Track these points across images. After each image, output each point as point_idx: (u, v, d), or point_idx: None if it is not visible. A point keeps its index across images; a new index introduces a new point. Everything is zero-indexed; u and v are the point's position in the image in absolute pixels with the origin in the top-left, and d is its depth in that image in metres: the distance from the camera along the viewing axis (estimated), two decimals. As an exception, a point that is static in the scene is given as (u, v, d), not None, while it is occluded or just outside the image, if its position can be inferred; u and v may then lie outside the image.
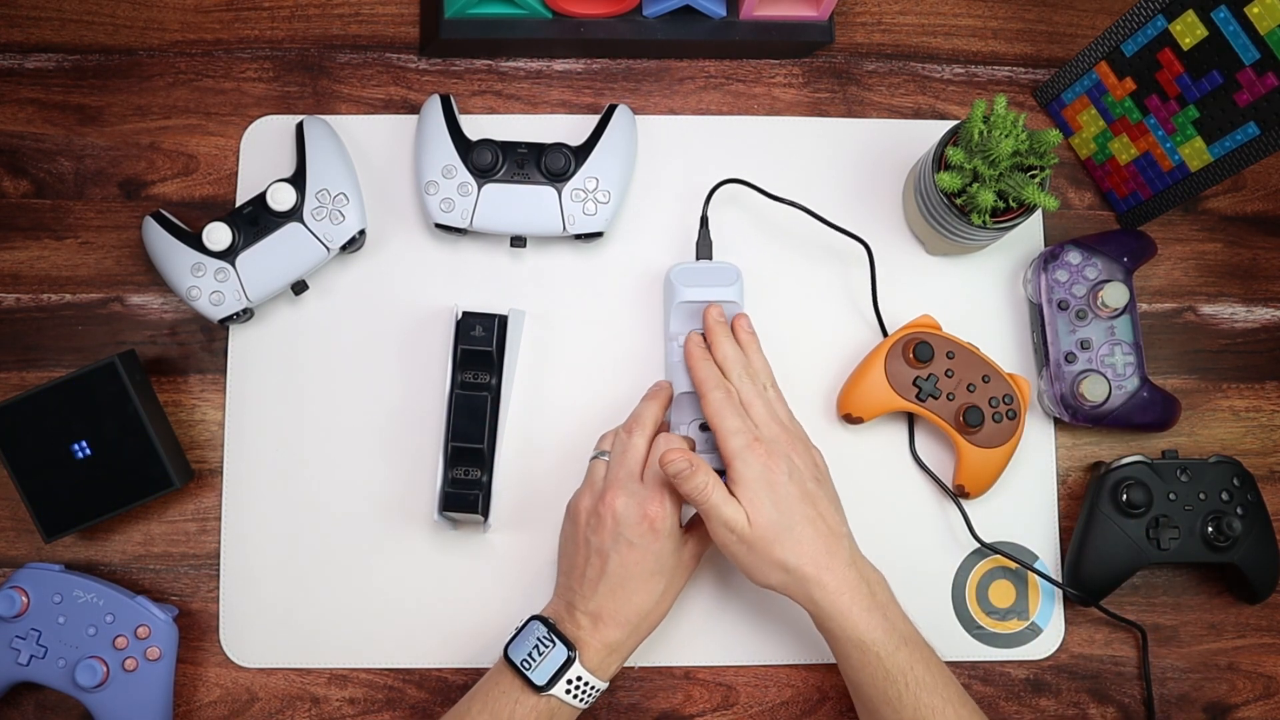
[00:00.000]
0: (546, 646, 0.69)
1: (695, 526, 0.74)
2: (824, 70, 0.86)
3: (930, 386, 0.78)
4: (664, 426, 0.76)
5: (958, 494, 0.79)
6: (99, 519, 0.76)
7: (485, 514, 0.77)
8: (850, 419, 0.80)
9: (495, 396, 0.77)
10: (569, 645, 0.69)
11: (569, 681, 0.68)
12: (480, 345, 0.77)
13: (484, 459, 0.77)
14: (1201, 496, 0.78)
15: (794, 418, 0.75)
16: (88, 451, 0.75)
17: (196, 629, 0.78)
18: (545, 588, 0.78)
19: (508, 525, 0.79)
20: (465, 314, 0.78)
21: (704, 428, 0.78)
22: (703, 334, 0.76)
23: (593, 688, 0.70)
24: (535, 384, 0.81)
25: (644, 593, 0.71)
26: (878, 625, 0.68)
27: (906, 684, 0.67)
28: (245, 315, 0.78)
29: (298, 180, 0.78)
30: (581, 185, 0.79)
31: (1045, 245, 0.84)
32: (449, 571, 0.79)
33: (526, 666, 0.68)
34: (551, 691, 0.68)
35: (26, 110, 0.83)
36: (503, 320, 0.78)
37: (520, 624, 0.72)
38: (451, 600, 0.79)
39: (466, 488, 0.76)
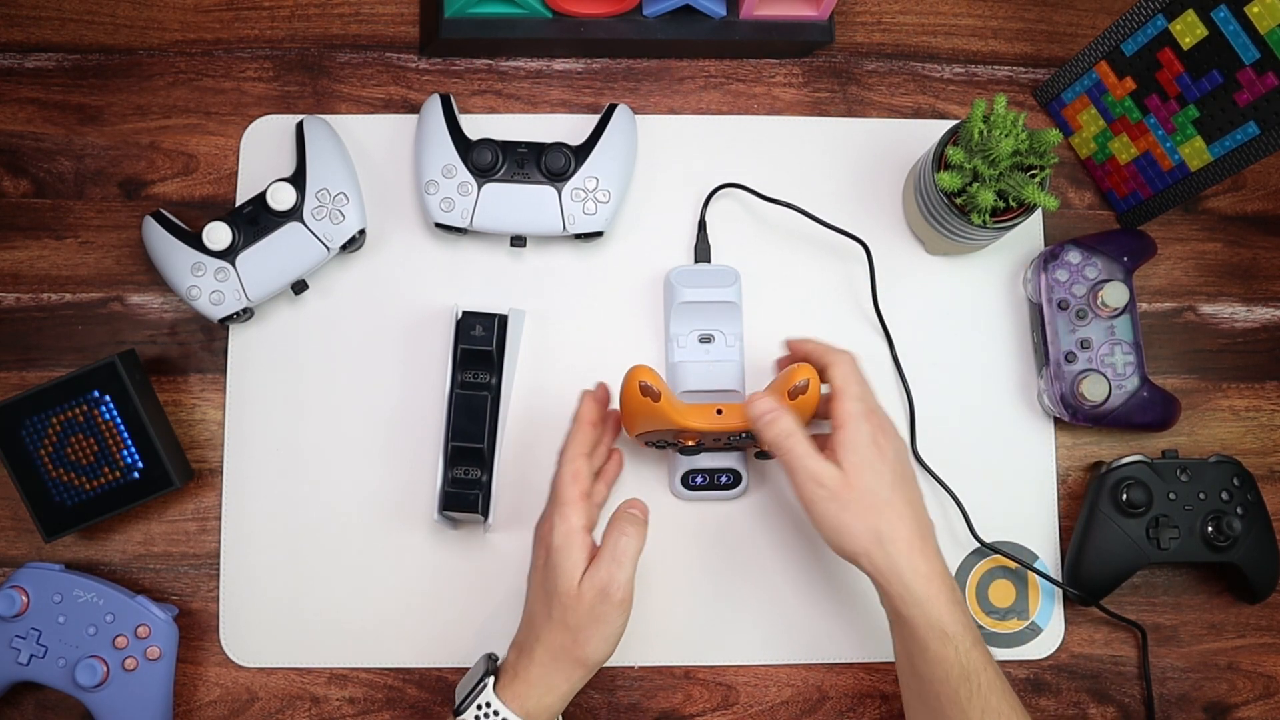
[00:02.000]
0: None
1: (598, 556, 0.69)
2: (824, 70, 0.86)
3: None
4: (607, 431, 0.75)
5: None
6: (99, 519, 0.76)
7: (485, 514, 0.77)
8: None
9: (495, 396, 0.77)
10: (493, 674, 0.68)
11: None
12: (480, 345, 0.77)
13: (484, 459, 0.77)
14: (1201, 496, 0.78)
15: None
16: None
17: (196, 629, 0.78)
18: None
19: (508, 525, 0.79)
20: (465, 314, 0.78)
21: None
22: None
23: None
24: (535, 384, 0.81)
25: (542, 617, 0.69)
26: (960, 619, 0.66)
27: (979, 684, 0.65)
28: (245, 315, 0.78)
29: (298, 180, 0.78)
30: (581, 185, 0.79)
31: (1045, 245, 0.84)
32: (449, 571, 0.79)
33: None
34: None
35: (26, 110, 0.83)
36: (503, 320, 0.78)
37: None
38: (451, 600, 0.79)
39: (466, 487, 0.76)
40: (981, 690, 0.65)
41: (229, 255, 0.77)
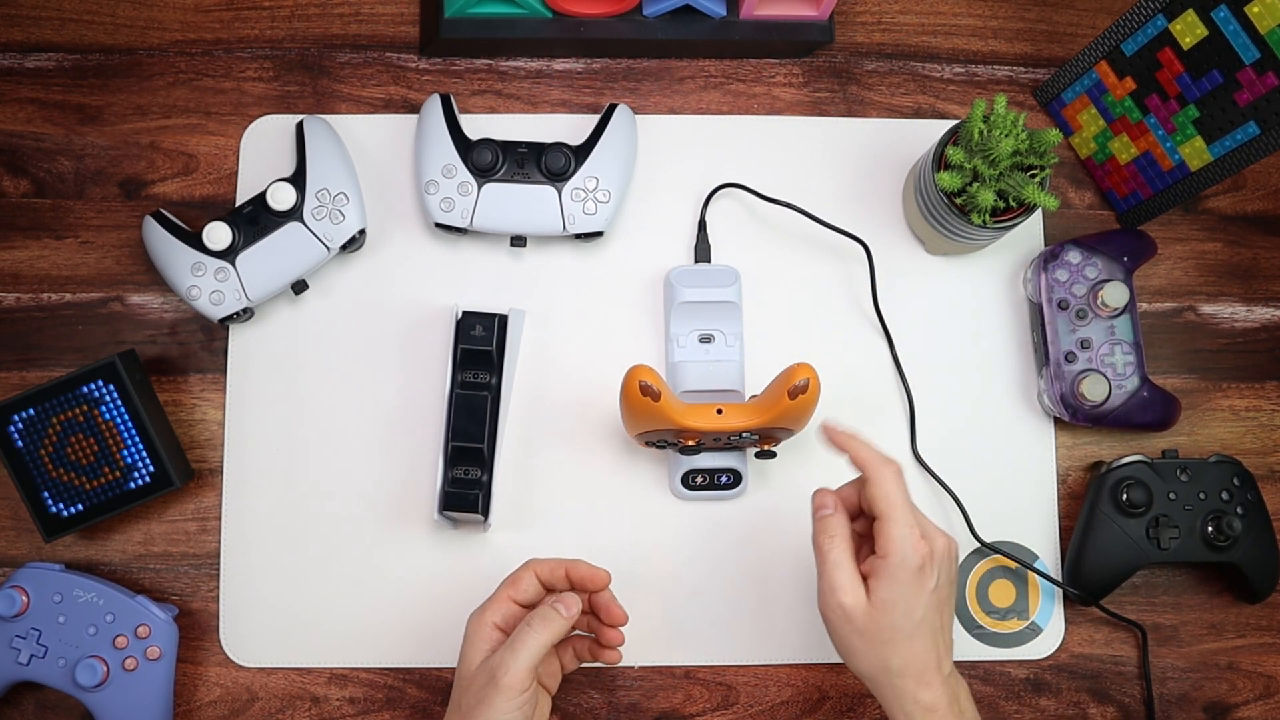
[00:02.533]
0: None
1: (503, 645, 0.68)
2: (824, 70, 0.86)
3: None
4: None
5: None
6: (99, 519, 0.76)
7: (485, 514, 0.77)
8: None
9: (495, 396, 0.77)
10: None
11: None
12: (480, 345, 0.77)
13: (484, 458, 0.77)
14: (1201, 496, 0.78)
15: None
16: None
17: (196, 628, 0.78)
18: (545, 587, 0.79)
19: (508, 525, 0.79)
20: (465, 314, 0.78)
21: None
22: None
23: None
24: (535, 384, 0.81)
25: (452, 694, 0.69)
26: None
27: None
28: (245, 315, 0.78)
29: (298, 180, 0.78)
30: (581, 185, 0.79)
31: (1045, 245, 0.84)
32: (449, 571, 0.79)
33: None
34: None
35: (26, 110, 0.83)
36: (503, 320, 0.78)
37: None
38: (451, 600, 0.78)
39: (466, 487, 0.76)
40: None
41: (229, 255, 0.77)
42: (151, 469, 0.75)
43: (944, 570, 0.66)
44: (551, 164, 0.79)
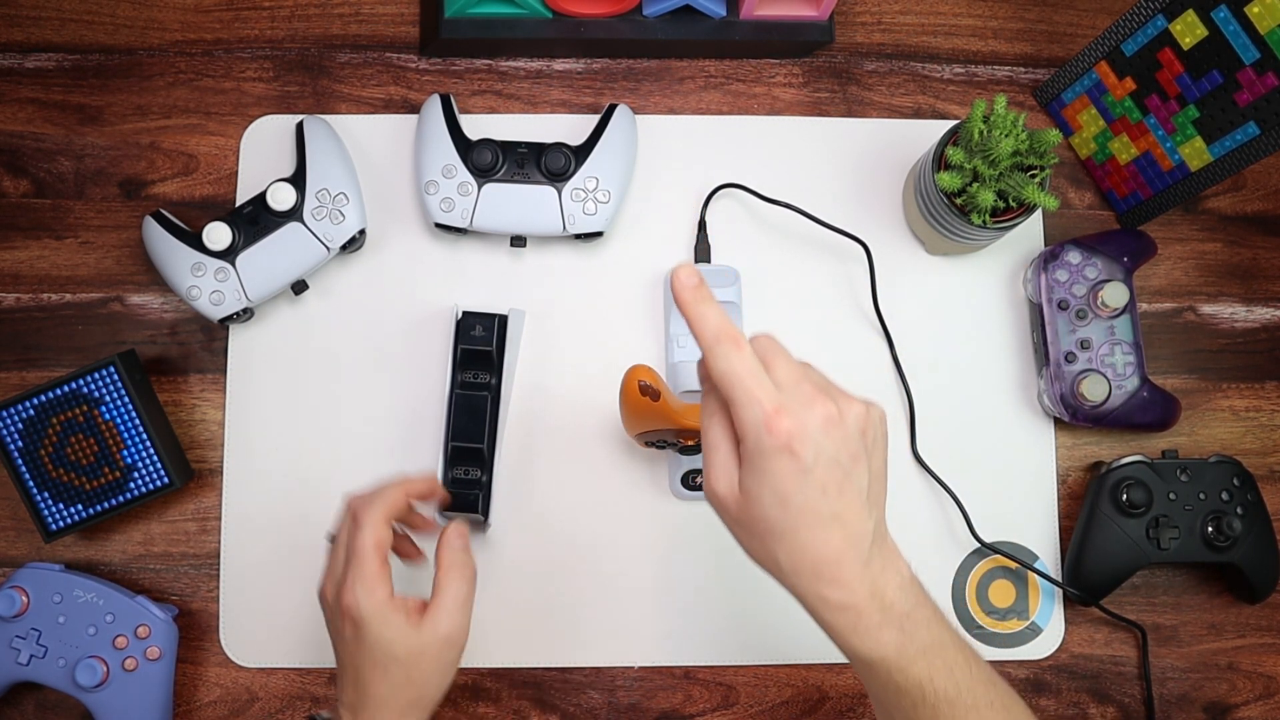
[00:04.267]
0: None
1: (436, 607, 0.65)
2: (824, 70, 0.86)
3: None
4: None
5: None
6: (99, 519, 0.76)
7: (485, 514, 0.77)
8: None
9: (495, 396, 0.77)
10: None
11: None
12: (480, 345, 0.77)
13: (484, 459, 0.77)
14: (1201, 496, 0.78)
15: (825, 377, 0.58)
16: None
17: (196, 629, 0.78)
18: (545, 588, 0.79)
19: (508, 525, 0.79)
20: (465, 314, 0.78)
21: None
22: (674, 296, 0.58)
23: None
24: (535, 384, 0.81)
25: (379, 683, 0.64)
26: (889, 640, 0.56)
27: (924, 696, 0.56)
28: (245, 315, 0.78)
29: (298, 180, 0.78)
30: (581, 185, 0.79)
31: (1045, 245, 0.84)
32: (449, 571, 0.79)
33: None
34: None
35: (26, 110, 0.83)
36: (503, 320, 0.78)
37: None
38: (451, 600, 0.79)
39: (466, 487, 0.76)
40: (928, 702, 0.57)
41: (229, 255, 0.77)
42: (151, 469, 0.75)
43: (825, 437, 0.54)
44: (551, 164, 0.79)
